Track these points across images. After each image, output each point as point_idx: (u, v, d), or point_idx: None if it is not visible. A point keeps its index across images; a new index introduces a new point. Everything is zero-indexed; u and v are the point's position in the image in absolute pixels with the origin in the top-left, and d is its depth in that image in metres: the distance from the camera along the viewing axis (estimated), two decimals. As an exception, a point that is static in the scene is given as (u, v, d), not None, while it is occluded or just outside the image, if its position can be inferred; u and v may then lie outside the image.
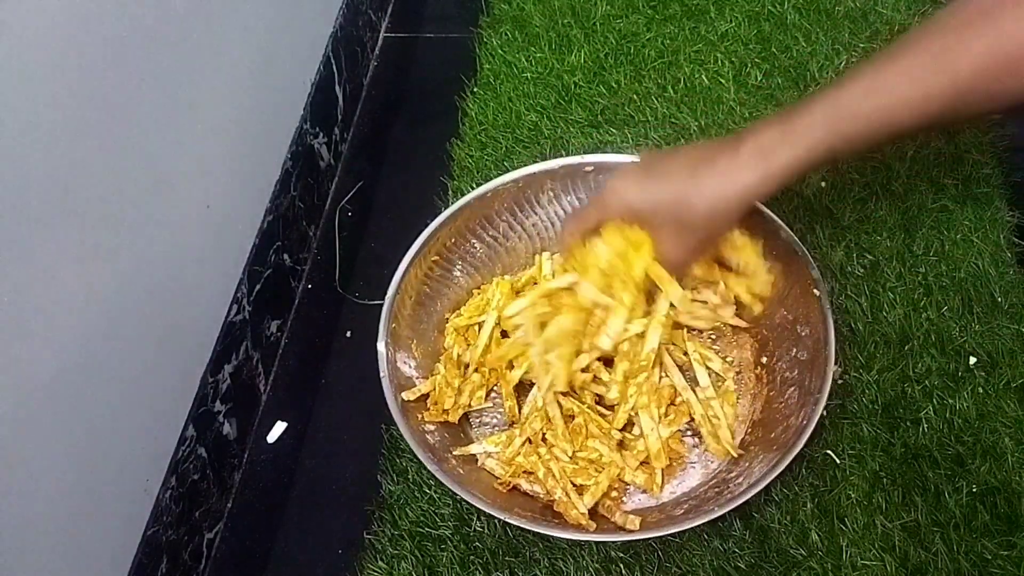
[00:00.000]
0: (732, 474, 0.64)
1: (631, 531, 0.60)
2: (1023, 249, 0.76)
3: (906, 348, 0.70)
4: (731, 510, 0.58)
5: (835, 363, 0.63)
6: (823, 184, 0.80)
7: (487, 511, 0.59)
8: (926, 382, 0.68)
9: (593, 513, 0.63)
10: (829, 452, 0.65)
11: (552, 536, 0.62)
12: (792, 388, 0.66)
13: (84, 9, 0.54)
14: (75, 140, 0.54)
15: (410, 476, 0.68)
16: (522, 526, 0.59)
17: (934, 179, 0.80)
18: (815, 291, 0.66)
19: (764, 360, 0.70)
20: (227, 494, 0.73)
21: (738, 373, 0.71)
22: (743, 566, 0.61)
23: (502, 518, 0.59)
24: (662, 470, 0.65)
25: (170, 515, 0.65)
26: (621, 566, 0.62)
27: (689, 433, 0.68)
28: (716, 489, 0.63)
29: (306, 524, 0.71)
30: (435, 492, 0.66)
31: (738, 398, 0.69)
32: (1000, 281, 0.73)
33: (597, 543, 0.63)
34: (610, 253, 0.63)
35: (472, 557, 0.63)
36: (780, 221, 0.69)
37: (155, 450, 0.65)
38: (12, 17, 0.48)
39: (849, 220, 0.77)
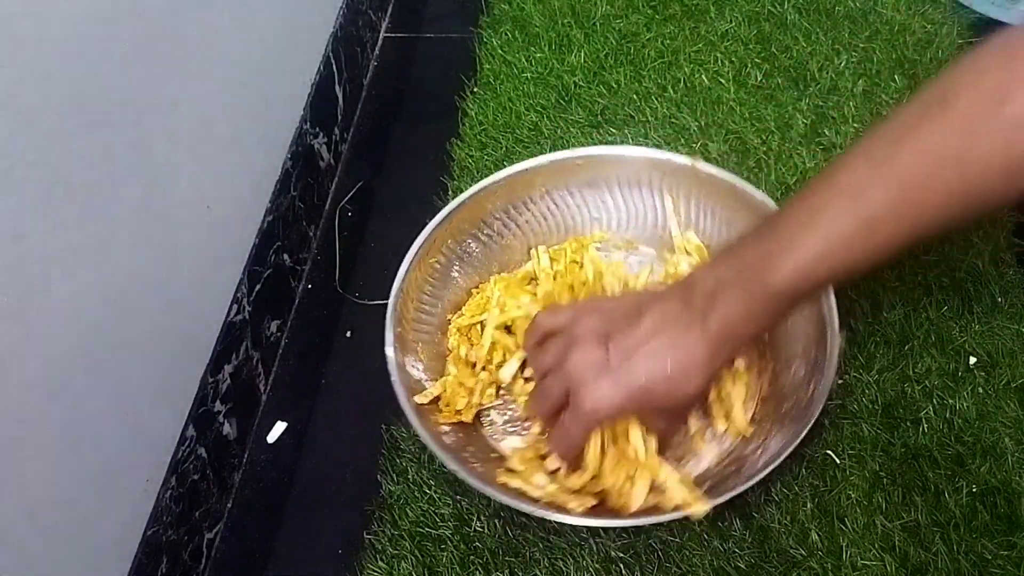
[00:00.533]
0: (748, 450, 0.64)
1: (661, 512, 0.59)
2: (1023, 249, 0.76)
3: (906, 348, 0.70)
4: (746, 492, 0.58)
5: (839, 331, 0.63)
6: (823, 184, 0.80)
7: (523, 509, 0.59)
8: (926, 382, 0.68)
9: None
10: (829, 452, 0.65)
11: (605, 528, 0.62)
12: (797, 360, 0.66)
13: (84, 9, 0.54)
14: (74, 140, 0.54)
15: (410, 476, 0.68)
16: (568, 521, 0.59)
17: (934, 179, 0.80)
18: None
19: (766, 336, 0.70)
20: (227, 494, 0.73)
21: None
22: (743, 566, 0.61)
23: (540, 515, 0.59)
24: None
25: (170, 515, 0.65)
26: (621, 566, 0.62)
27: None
28: (734, 467, 0.63)
29: (306, 524, 0.71)
30: (435, 492, 0.66)
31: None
32: (1000, 281, 0.73)
33: (598, 543, 0.63)
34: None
35: (472, 557, 0.63)
36: (771, 201, 0.70)
37: (155, 450, 0.65)
38: (12, 17, 0.48)
39: (849, 220, 0.77)
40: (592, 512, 0.61)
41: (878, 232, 0.51)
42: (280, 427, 0.77)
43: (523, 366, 0.70)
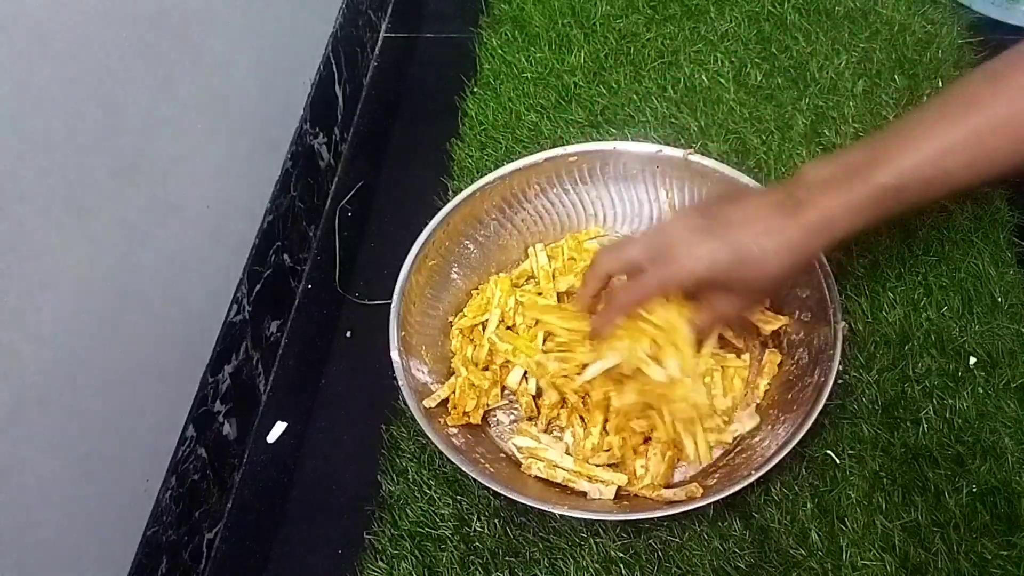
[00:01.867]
0: (756, 439, 0.65)
1: (692, 499, 0.60)
2: (1023, 249, 0.76)
3: (906, 348, 0.70)
4: (732, 499, 0.58)
5: (840, 319, 0.64)
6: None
7: (537, 507, 0.60)
8: (926, 382, 0.68)
9: (634, 496, 0.63)
10: (829, 452, 0.65)
11: (624, 521, 0.63)
12: (801, 349, 0.67)
13: (84, 9, 0.54)
14: (74, 140, 0.54)
15: (410, 476, 0.68)
16: (585, 516, 0.60)
17: (934, 179, 0.80)
18: None
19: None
20: (227, 494, 0.73)
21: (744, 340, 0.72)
22: (743, 566, 0.61)
23: (557, 512, 0.60)
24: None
25: (170, 515, 0.65)
26: (621, 566, 0.62)
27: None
28: (744, 455, 0.64)
29: (306, 524, 0.71)
30: (435, 492, 0.66)
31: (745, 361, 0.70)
32: (1000, 281, 0.73)
33: (597, 543, 0.63)
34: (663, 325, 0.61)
35: (472, 557, 0.63)
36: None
37: (155, 450, 0.65)
38: (12, 18, 0.48)
39: (849, 220, 0.77)
40: (615, 503, 0.62)
41: (985, 143, 0.54)
42: (280, 427, 0.77)
43: (526, 374, 0.70)
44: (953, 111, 0.55)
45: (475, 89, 0.93)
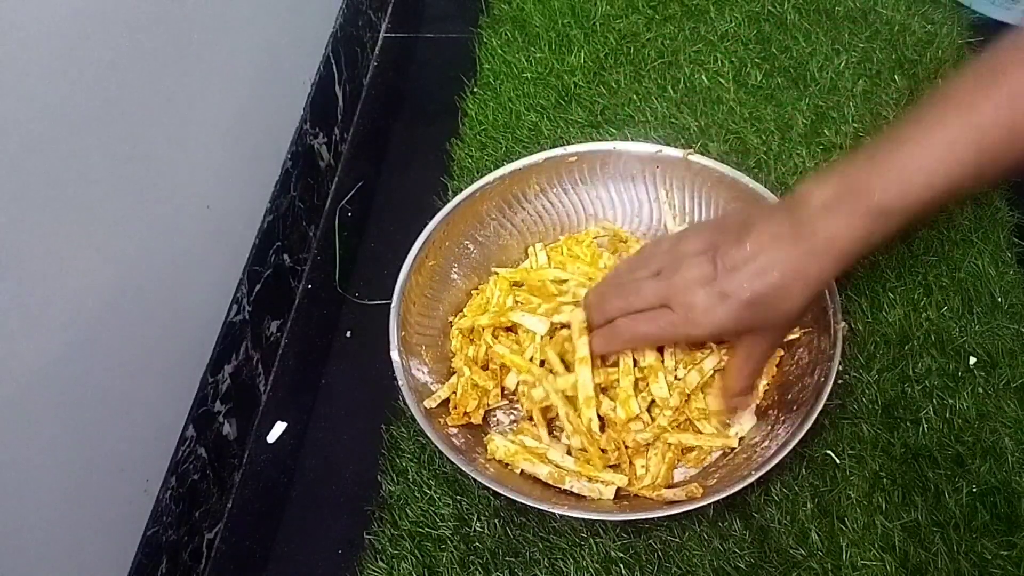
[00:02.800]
0: (756, 439, 0.65)
1: (693, 499, 0.60)
2: (1023, 249, 0.76)
3: (906, 348, 0.70)
4: (736, 495, 0.58)
5: (840, 319, 0.64)
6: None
7: (536, 506, 0.60)
8: (926, 382, 0.68)
9: (634, 496, 0.63)
10: (829, 452, 0.65)
11: (624, 521, 0.63)
12: (801, 349, 0.67)
13: (84, 9, 0.54)
14: (74, 140, 0.54)
15: (410, 476, 0.68)
16: (585, 516, 0.60)
17: (934, 179, 0.80)
18: None
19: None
20: (227, 494, 0.73)
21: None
22: (743, 566, 0.61)
23: (558, 512, 0.60)
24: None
25: (170, 515, 0.65)
26: (621, 566, 0.62)
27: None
28: (744, 455, 0.64)
29: (306, 524, 0.71)
30: (435, 492, 0.66)
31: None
32: (1000, 281, 0.73)
33: (597, 543, 0.63)
34: None
35: (472, 557, 0.63)
36: (768, 193, 0.70)
37: (155, 450, 0.65)
38: (12, 17, 0.48)
39: (849, 220, 0.77)
40: (615, 503, 0.62)
41: (987, 141, 0.53)
42: (280, 427, 0.77)
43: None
44: (951, 115, 0.54)
45: (475, 89, 0.93)
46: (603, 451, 0.65)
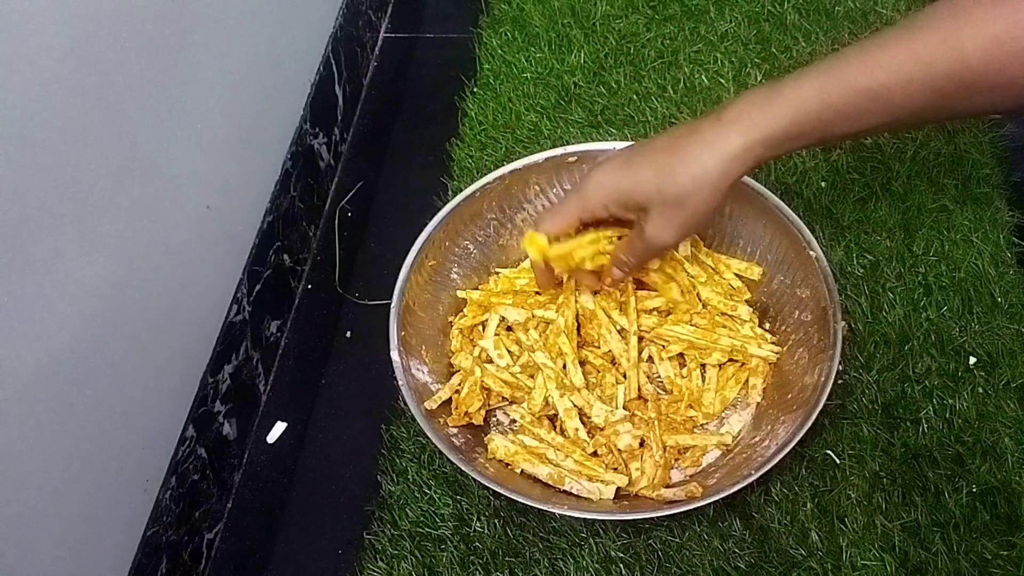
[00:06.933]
0: (756, 439, 0.65)
1: (692, 499, 0.60)
2: (1023, 249, 0.76)
3: (906, 348, 0.70)
4: (734, 496, 0.58)
5: (840, 319, 0.64)
6: (823, 184, 0.80)
7: (536, 506, 0.60)
8: (926, 382, 0.68)
9: (634, 496, 0.63)
10: (829, 452, 0.65)
11: (624, 521, 0.63)
12: (800, 349, 0.67)
13: (84, 9, 0.54)
14: (74, 140, 0.54)
15: (410, 476, 0.68)
16: (585, 516, 0.60)
17: (934, 179, 0.80)
18: (810, 252, 0.67)
19: (767, 326, 0.71)
20: (227, 494, 0.73)
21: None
22: (743, 566, 0.61)
23: (558, 512, 0.60)
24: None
25: (170, 515, 0.65)
26: (621, 566, 0.62)
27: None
28: (744, 455, 0.64)
29: (306, 524, 0.71)
30: (435, 492, 0.66)
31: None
32: (1000, 281, 0.73)
33: (597, 543, 0.63)
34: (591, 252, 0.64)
35: (472, 557, 0.63)
36: (766, 191, 0.71)
37: (155, 450, 0.65)
38: (12, 16, 0.48)
39: (849, 220, 0.77)
40: (615, 503, 0.62)
41: (926, 65, 0.50)
42: (280, 427, 0.77)
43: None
44: (898, 36, 0.52)
45: (475, 89, 0.93)
46: (595, 454, 0.65)
